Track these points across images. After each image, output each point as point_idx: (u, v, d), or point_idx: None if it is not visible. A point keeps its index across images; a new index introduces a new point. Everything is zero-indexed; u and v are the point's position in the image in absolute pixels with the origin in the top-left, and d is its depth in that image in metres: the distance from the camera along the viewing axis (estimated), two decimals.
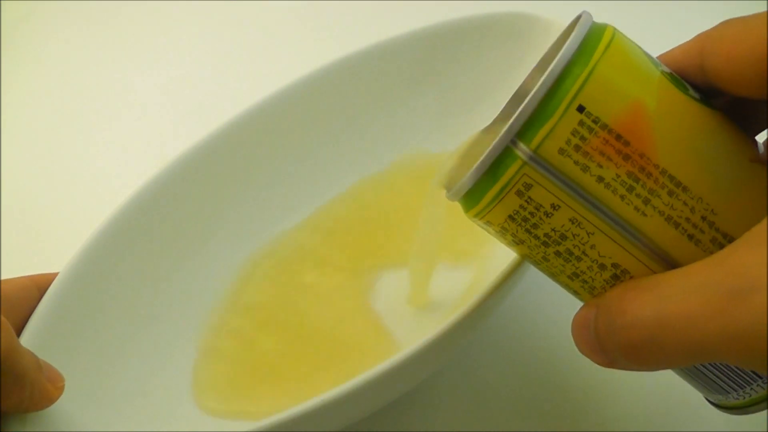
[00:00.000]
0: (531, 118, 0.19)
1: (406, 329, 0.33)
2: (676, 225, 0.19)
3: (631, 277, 0.20)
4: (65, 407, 0.27)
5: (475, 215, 0.21)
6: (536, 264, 0.22)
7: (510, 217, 0.20)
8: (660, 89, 0.20)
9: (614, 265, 0.20)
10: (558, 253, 0.21)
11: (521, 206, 0.20)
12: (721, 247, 0.19)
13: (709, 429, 0.29)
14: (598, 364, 0.20)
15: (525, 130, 0.19)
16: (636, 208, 0.19)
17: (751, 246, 0.17)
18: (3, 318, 0.23)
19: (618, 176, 0.19)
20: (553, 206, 0.20)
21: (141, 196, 0.34)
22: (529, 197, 0.20)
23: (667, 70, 0.21)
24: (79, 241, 0.32)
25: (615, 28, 0.21)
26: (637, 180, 0.19)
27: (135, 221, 0.34)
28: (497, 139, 0.19)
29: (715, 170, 0.19)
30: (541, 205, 0.20)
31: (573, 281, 0.21)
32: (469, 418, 0.31)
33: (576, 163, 0.19)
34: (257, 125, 0.38)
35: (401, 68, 0.39)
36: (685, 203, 0.19)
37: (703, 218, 0.19)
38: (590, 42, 0.20)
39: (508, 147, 0.19)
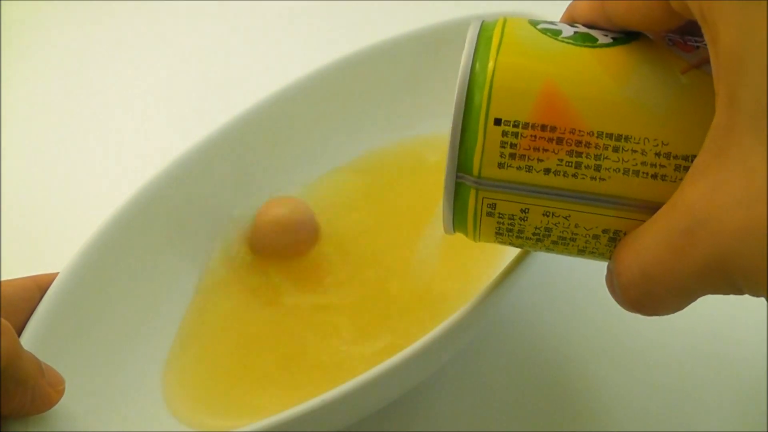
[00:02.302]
0: (461, 151, 0.20)
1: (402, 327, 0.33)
2: (636, 173, 0.19)
3: (625, 234, 0.20)
4: (65, 407, 0.27)
5: (475, 241, 0.23)
6: (547, 253, 0.23)
7: (497, 233, 0.22)
8: (564, 60, 0.20)
9: (604, 231, 0.20)
10: (554, 242, 0.21)
11: (498, 222, 0.21)
12: (687, 171, 0.19)
13: (709, 429, 0.29)
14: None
15: (462, 163, 0.20)
16: (592, 178, 0.20)
17: (693, 180, 0.17)
18: (5, 322, 0.23)
19: (561, 160, 0.19)
20: (522, 211, 0.21)
21: (141, 197, 0.34)
22: (500, 213, 0.21)
23: (570, 33, 0.21)
24: (79, 241, 0.32)
25: (504, 23, 0.21)
26: (579, 155, 0.19)
27: (135, 221, 0.34)
28: (445, 180, 0.21)
29: (648, 104, 0.19)
30: (513, 215, 0.21)
31: (584, 255, 0.22)
32: (469, 418, 0.31)
33: (518, 168, 0.20)
34: (256, 125, 0.38)
35: (401, 68, 0.39)
36: (633, 151, 0.19)
37: (657, 154, 0.19)
38: (481, 57, 0.20)
39: (457, 183, 0.21)
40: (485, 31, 0.21)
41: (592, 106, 0.19)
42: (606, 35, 0.21)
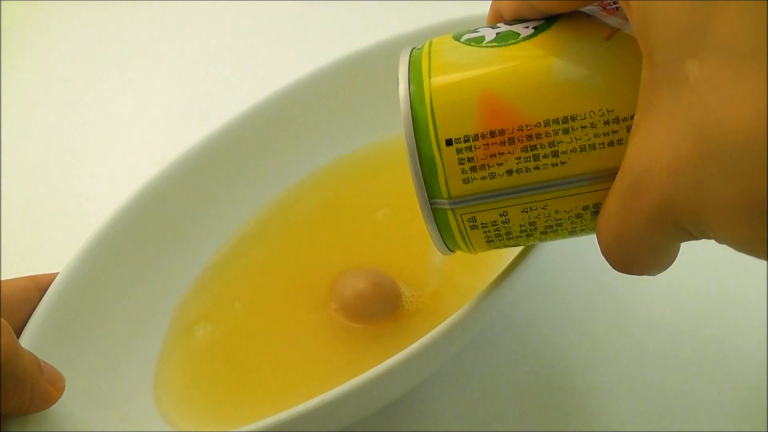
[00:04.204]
0: (426, 180, 0.21)
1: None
2: (592, 147, 0.20)
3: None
4: (65, 407, 0.27)
5: (473, 253, 0.23)
6: (545, 242, 0.23)
7: (488, 242, 0.22)
8: (493, 64, 0.20)
9: (584, 208, 0.21)
10: (544, 233, 0.22)
11: (485, 232, 0.22)
12: None
13: (709, 429, 0.29)
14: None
15: (430, 191, 0.21)
16: (553, 165, 0.20)
17: (632, 138, 0.18)
18: (3, 320, 0.23)
19: (519, 158, 0.20)
20: (502, 215, 0.21)
21: (141, 197, 0.34)
22: (482, 223, 0.21)
23: (492, 36, 0.21)
24: (79, 241, 0.32)
25: (430, 46, 0.22)
26: (534, 148, 0.20)
27: (135, 222, 0.34)
28: (421, 211, 0.21)
29: (582, 79, 0.20)
30: (495, 221, 0.21)
31: (576, 235, 0.22)
32: (469, 419, 0.31)
33: (483, 178, 0.20)
34: (256, 127, 0.38)
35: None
36: (583, 127, 0.19)
37: (607, 122, 0.19)
38: (416, 86, 0.21)
39: (433, 209, 0.21)
40: (414, 58, 0.22)
41: (531, 99, 0.20)
42: (527, 27, 0.21)
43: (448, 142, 0.20)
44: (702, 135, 0.15)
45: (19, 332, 0.28)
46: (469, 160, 0.20)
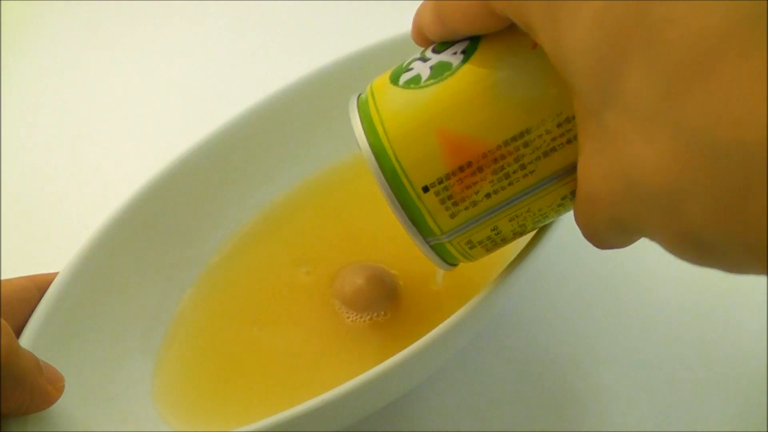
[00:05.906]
0: (416, 225, 0.22)
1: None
2: (553, 150, 0.21)
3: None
4: (65, 407, 0.27)
5: (475, 261, 0.25)
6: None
7: (488, 251, 0.24)
8: (438, 103, 0.21)
9: (563, 198, 0.22)
10: (534, 227, 0.24)
11: (482, 246, 0.23)
12: None
13: (709, 429, 0.29)
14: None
15: (423, 232, 0.22)
16: (524, 176, 0.21)
17: (580, 156, 0.19)
18: (3, 320, 0.23)
19: (492, 181, 0.21)
20: (493, 229, 0.23)
21: (140, 197, 0.34)
22: (479, 241, 0.23)
23: (427, 72, 0.22)
24: (79, 241, 0.32)
25: (374, 98, 0.23)
26: (502, 168, 0.21)
27: (135, 222, 0.34)
28: (421, 250, 0.23)
29: (521, 93, 0.21)
30: (488, 236, 0.23)
31: (564, 214, 0.24)
32: (469, 418, 0.31)
33: (466, 208, 0.22)
34: (256, 126, 0.38)
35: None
36: (539, 136, 0.21)
37: (559, 125, 0.20)
38: (377, 148, 0.22)
39: (433, 245, 0.23)
40: (363, 110, 0.23)
41: (485, 126, 0.21)
42: (456, 53, 0.22)
43: (425, 189, 0.21)
44: (628, 179, 0.16)
45: (19, 332, 0.28)
46: (449, 198, 0.22)
